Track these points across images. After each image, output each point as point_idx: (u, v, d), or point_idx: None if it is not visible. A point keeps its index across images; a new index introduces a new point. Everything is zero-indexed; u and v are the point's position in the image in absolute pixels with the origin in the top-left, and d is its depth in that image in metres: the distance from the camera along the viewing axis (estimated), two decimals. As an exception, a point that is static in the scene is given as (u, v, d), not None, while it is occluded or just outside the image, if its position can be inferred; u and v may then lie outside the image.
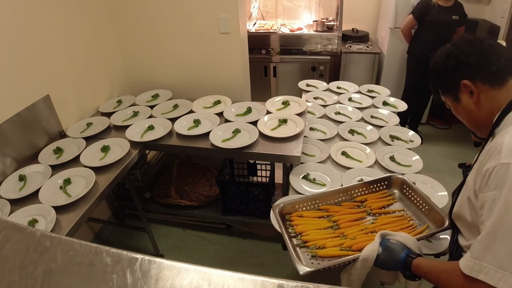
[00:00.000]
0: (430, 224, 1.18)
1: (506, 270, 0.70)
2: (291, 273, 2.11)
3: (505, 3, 2.82)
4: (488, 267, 0.72)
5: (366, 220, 1.25)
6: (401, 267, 0.94)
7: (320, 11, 3.67)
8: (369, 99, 2.29)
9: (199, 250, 2.31)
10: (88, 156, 1.74)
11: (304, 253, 1.13)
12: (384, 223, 1.22)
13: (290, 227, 1.23)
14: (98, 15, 2.21)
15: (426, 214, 1.22)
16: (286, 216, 1.28)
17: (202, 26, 2.22)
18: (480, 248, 0.75)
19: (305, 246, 1.16)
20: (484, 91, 0.86)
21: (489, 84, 0.86)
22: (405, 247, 0.96)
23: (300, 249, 1.14)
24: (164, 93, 2.39)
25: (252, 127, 1.88)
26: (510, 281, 0.69)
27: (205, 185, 2.46)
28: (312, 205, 1.31)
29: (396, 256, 0.94)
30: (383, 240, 1.00)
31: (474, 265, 0.74)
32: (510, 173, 0.71)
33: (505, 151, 0.74)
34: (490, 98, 0.86)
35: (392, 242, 0.99)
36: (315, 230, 1.20)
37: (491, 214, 0.74)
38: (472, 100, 0.89)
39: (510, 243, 0.70)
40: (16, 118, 1.65)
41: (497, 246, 0.72)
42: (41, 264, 0.59)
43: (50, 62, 1.85)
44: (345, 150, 1.80)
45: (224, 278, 0.55)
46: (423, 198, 1.24)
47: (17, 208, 1.42)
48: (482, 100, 0.87)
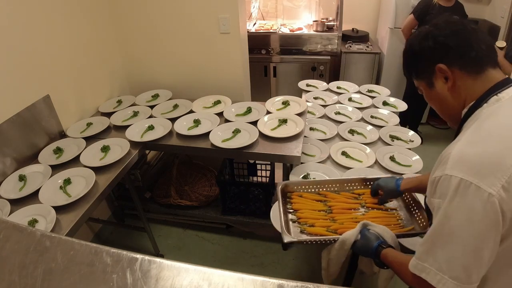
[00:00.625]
0: (416, 226, 1.23)
1: (445, 274, 0.73)
2: (291, 273, 2.11)
3: (505, 3, 2.82)
4: (429, 268, 0.76)
5: (359, 212, 1.32)
6: (372, 254, 1.01)
7: (320, 11, 3.66)
8: (369, 99, 2.29)
9: (199, 250, 2.31)
10: (88, 156, 1.74)
11: (295, 227, 1.26)
12: (373, 216, 1.28)
13: (289, 204, 1.35)
14: (98, 15, 2.21)
15: (415, 215, 1.26)
16: (288, 194, 1.39)
17: (202, 26, 2.22)
18: (422, 250, 0.79)
19: (298, 221, 1.28)
20: (459, 78, 0.81)
21: (466, 71, 0.80)
22: (380, 238, 1.03)
23: (292, 224, 1.28)
24: (164, 93, 2.39)
25: (252, 127, 1.88)
26: (449, 284, 0.73)
27: (205, 185, 2.46)
28: (313, 189, 1.41)
29: (370, 244, 1.02)
30: (364, 229, 1.09)
31: (417, 264, 0.79)
32: (452, 185, 0.72)
33: (451, 162, 0.74)
34: (465, 87, 0.81)
35: (370, 232, 1.06)
36: (310, 210, 1.31)
37: (434, 220, 0.77)
38: (447, 86, 0.84)
39: (448, 250, 0.73)
40: (16, 118, 1.65)
41: (437, 250, 0.75)
42: (41, 264, 0.59)
43: (50, 62, 1.85)
44: (345, 150, 1.80)
45: (224, 278, 0.55)
46: (415, 201, 1.28)
47: (17, 208, 1.42)
48: (456, 87, 0.82)
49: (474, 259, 0.72)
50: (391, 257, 0.95)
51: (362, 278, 2.02)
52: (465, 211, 0.71)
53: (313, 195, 1.38)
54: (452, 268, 0.73)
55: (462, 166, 0.72)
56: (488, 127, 0.76)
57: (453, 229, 0.72)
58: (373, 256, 1.01)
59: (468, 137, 0.76)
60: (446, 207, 0.73)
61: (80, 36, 2.06)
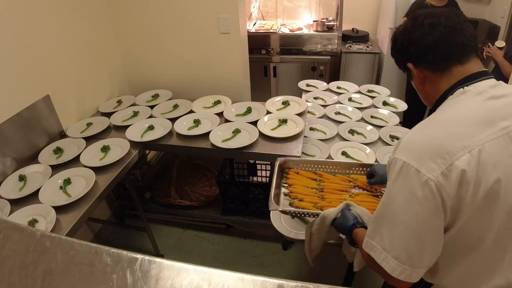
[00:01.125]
0: None
1: (388, 253, 0.77)
2: (291, 273, 2.11)
3: (505, 3, 2.82)
4: (376, 246, 0.80)
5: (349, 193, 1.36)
6: (347, 232, 1.05)
7: (320, 11, 3.66)
8: (369, 99, 2.29)
9: (199, 250, 2.31)
10: (88, 156, 1.74)
11: (285, 200, 1.34)
12: (361, 200, 1.31)
13: (285, 179, 1.42)
14: (98, 15, 2.21)
15: None
16: (286, 169, 1.46)
17: (202, 26, 2.22)
18: (371, 228, 0.83)
19: (289, 195, 1.35)
20: (427, 75, 0.86)
21: (430, 69, 0.85)
22: (359, 218, 1.06)
23: (284, 197, 1.35)
24: (164, 93, 2.39)
25: (252, 127, 1.88)
26: (392, 264, 0.76)
27: (205, 185, 2.46)
28: (311, 168, 1.46)
29: (346, 222, 1.05)
30: (345, 208, 1.12)
31: (367, 242, 0.83)
32: (396, 167, 0.76)
33: (400, 147, 0.78)
34: (433, 83, 0.87)
35: (350, 211, 1.09)
36: (303, 187, 1.37)
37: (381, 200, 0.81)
38: (418, 81, 0.90)
39: (391, 229, 0.77)
40: (16, 118, 1.65)
41: (382, 229, 0.79)
42: (41, 264, 0.59)
43: (50, 62, 1.85)
44: (345, 150, 1.79)
45: (224, 278, 0.55)
46: None
47: (17, 208, 1.42)
48: (426, 83, 0.88)
49: (415, 242, 0.75)
50: (359, 236, 0.97)
51: (362, 278, 2.02)
52: (405, 193, 0.74)
53: (309, 174, 1.44)
54: (394, 248, 0.76)
55: (407, 150, 0.76)
56: (440, 117, 0.80)
57: (395, 209, 0.76)
58: (347, 233, 1.05)
59: (420, 125, 0.81)
60: (390, 188, 0.78)
61: (80, 36, 2.06)
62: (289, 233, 1.35)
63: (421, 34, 0.84)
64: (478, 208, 0.72)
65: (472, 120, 0.75)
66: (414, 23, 0.86)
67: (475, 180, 0.70)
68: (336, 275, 2.05)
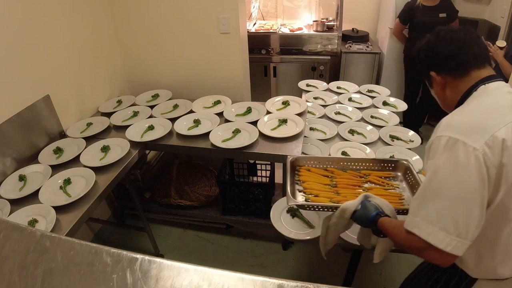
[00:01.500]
0: None
1: (435, 226, 0.81)
2: (291, 273, 2.11)
3: (505, 3, 2.82)
4: (421, 222, 0.83)
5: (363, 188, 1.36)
6: (370, 222, 1.06)
7: (320, 11, 3.66)
8: (369, 99, 2.29)
9: (199, 250, 2.31)
10: (88, 156, 1.74)
11: (300, 197, 1.32)
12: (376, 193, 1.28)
13: (297, 176, 1.41)
14: (98, 15, 2.21)
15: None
16: (297, 167, 1.45)
17: (202, 26, 2.22)
18: (415, 204, 0.87)
19: (304, 192, 1.34)
20: (448, 81, 0.99)
21: (451, 75, 0.98)
22: (379, 208, 1.08)
23: (298, 193, 1.34)
24: (164, 93, 2.39)
25: (252, 127, 1.88)
26: (439, 236, 0.80)
27: (205, 185, 2.46)
28: (321, 165, 1.46)
29: (368, 213, 1.07)
30: (364, 200, 1.12)
31: (411, 220, 0.86)
32: (440, 144, 0.84)
33: (442, 125, 0.88)
34: (453, 87, 0.99)
35: (370, 202, 1.11)
36: (316, 183, 1.37)
37: (425, 177, 0.87)
38: (439, 88, 1.02)
39: (438, 202, 0.82)
40: (16, 118, 1.65)
41: (427, 204, 0.83)
42: (41, 264, 0.59)
43: (50, 62, 1.85)
44: (345, 150, 1.79)
45: (224, 278, 0.55)
46: (419, 185, 1.30)
47: (17, 208, 1.42)
48: (447, 88, 1.00)
49: (462, 211, 0.79)
50: (387, 223, 1.00)
51: (362, 278, 2.02)
52: (452, 163, 0.80)
53: (321, 171, 1.44)
54: (441, 219, 0.80)
55: (450, 128, 0.85)
56: (473, 104, 0.92)
57: (442, 182, 0.82)
58: (370, 224, 1.06)
59: (455, 111, 0.93)
60: (435, 163, 0.84)
61: (80, 36, 2.06)
62: (289, 233, 1.35)
63: (443, 46, 0.98)
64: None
65: (502, 105, 0.87)
66: (436, 38, 1.00)
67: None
68: (336, 275, 2.05)
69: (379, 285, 2.00)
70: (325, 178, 1.40)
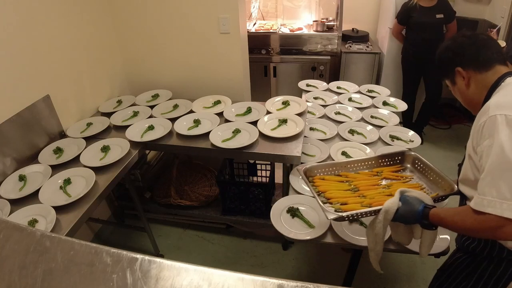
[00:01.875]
0: (440, 192, 1.25)
1: (510, 200, 0.82)
2: (291, 273, 2.11)
3: (505, 3, 2.82)
4: (493, 200, 0.84)
5: (383, 186, 1.33)
6: (419, 217, 1.03)
7: (320, 11, 3.66)
8: (369, 99, 2.29)
9: (199, 250, 2.31)
10: (88, 156, 1.74)
11: (329, 208, 1.21)
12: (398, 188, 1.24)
13: (313, 187, 1.32)
14: (99, 15, 2.21)
15: (436, 184, 1.29)
16: (309, 178, 1.38)
17: (202, 26, 2.22)
18: (484, 184, 0.88)
19: (329, 202, 1.26)
20: (473, 76, 1.06)
21: (478, 70, 1.05)
22: (422, 201, 1.05)
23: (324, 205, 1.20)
24: (164, 93, 2.39)
25: (252, 127, 1.88)
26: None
27: (205, 185, 2.46)
28: (332, 172, 1.41)
29: (414, 208, 1.04)
30: (402, 196, 1.09)
31: (482, 200, 0.87)
32: (498, 121, 0.88)
33: (492, 107, 0.91)
34: (479, 81, 1.05)
35: (410, 196, 1.08)
36: (337, 190, 1.31)
37: (488, 157, 0.88)
38: (464, 82, 1.08)
39: (509, 177, 0.84)
40: (16, 118, 1.65)
41: (498, 181, 0.85)
42: (41, 264, 0.59)
43: (50, 62, 1.85)
44: (345, 150, 1.80)
45: (224, 278, 0.55)
46: (433, 170, 1.31)
47: (17, 208, 1.42)
48: (472, 83, 1.07)
49: None
50: (442, 213, 0.99)
51: (362, 278, 2.02)
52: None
53: (335, 177, 1.40)
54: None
55: (503, 107, 0.89)
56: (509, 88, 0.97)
57: (510, 157, 0.84)
58: (419, 218, 1.03)
59: (498, 96, 0.97)
60: (498, 141, 0.86)
61: (80, 36, 2.06)
62: (289, 233, 1.35)
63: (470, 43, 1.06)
64: None
65: None
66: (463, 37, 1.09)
67: None
68: (336, 275, 2.05)
69: (379, 285, 2.00)
70: (343, 184, 1.35)
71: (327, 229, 1.34)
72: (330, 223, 1.36)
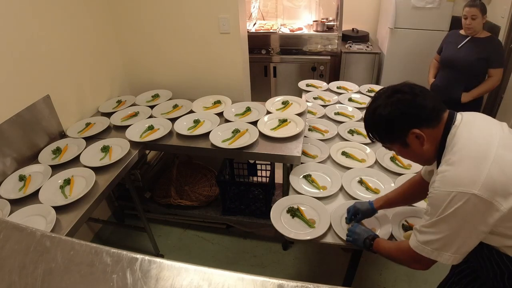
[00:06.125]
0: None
1: (445, 250, 0.93)
2: (291, 273, 2.11)
3: (505, 3, 2.82)
4: (433, 250, 0.95)
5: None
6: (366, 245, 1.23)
7: (320, 11, 3.66)
8: (369, 99, 2.28)
9: (199, 250, 2.31)
10: (88, 156, 1.74)
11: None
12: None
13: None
14: (98, 15, 2.21)
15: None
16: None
17: (202, 26, 2.22)
18: (427, 237, 0.96)
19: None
20: (427, 133, 0.97)
21: (432, 126, 0.97)
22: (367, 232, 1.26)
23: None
24: (164, 93, 2.39)
25: (252, 127, 1.88)
26: (444, 256, 0.94)
27: (205, 185, 2.46)
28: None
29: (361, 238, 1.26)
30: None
31: (423, 248, 0.97)
32: (442, 198, 0.90)
33: (438, 181, 0.92)
34: (431, 137, 0.98)
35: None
36: None
37: (426, 218, 0.96)
38: (419, 142, 0.99)
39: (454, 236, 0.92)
40: (16, 118, 1.65)
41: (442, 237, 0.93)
42: (41, 264, 0.59)
43: (50, 62, 1.85)
44: (345, 150, 1.80)
45: (224, 278, 0.55)
46: None
47: (17, 208, 1.42)
48: (426, 141, 0.98)
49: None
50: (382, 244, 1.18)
51: (362, 278, 2.02)
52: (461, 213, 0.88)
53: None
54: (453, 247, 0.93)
55: (461, 185, 0.88)
56: (459, 150, 0.91)
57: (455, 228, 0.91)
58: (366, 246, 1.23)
59: (447, 160, 0.93)
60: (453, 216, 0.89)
61: (80, 36, 2.06)
62: (289, 233, 1.35)
63: (420, 99, 0.96)
64: None
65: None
66: (410, 94, 0.98)
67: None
68: (336, 275, 2.05)
69: (379, 285, 2.00)
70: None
71: (327, 229, 1.34)
72: (330, 223, 1.36)
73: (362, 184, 1.58)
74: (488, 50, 2.27)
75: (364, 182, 1.59)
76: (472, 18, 2.23)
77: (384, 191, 1.52)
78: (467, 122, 0.96)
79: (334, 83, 2.56)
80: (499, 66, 2.29)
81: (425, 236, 0.97)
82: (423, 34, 3.15)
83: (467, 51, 2.32)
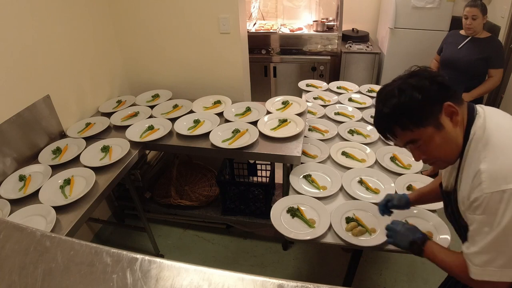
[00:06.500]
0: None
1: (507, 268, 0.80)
2: (291, 273, 2.11)
3: (505, 3, 2.82)
4: (492, 270, 0.81)
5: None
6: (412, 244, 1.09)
7: (320, 11, 3.66)
8: (369, 99, 2.29)
9: (199, 250, 2.31)
10: (88, 156, 1.74)
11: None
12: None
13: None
14: (98, 15, 2.21)
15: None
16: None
17: (202, 26, 2.22)
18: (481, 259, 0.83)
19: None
20: (460, 111, 0.87)
21: (459, 103, 0.87)
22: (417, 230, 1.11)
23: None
24: (164, 93, 2.39)
25: (252, 127, 1.88)
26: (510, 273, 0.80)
27: (205, 185, 2.46)
28: None
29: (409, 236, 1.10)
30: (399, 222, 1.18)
31: (482, 272, 0.83)
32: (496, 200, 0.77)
33: (485, 181, 0.79)
34: (461, 117, 0.87)
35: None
36: None
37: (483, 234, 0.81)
38: (452, 122, 0.87)
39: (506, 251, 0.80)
40: (16, 118, 1.65)
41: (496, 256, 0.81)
42: (41, 264, 0.59)
43: (50, 62, 1.85)
44: (345, 150, 1.80)
45: (224, 278, 0.55)
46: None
47: (17, 208, 1.42)
48: (459, 120, 0.87)
49: None
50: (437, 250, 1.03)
51: (362, 278, 2.02)
52: None
53: None
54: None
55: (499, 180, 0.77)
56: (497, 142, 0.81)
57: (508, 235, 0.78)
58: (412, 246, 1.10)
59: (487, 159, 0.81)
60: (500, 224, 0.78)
61: (81, 36, 2.06)
62: (289, 233, 1.35)
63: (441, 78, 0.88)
64: None
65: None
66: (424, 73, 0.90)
67: None
68: (336, 275, 2.05)
69: (379, 285, 2.00)
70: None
71: (327, 229, 1.34)
72: (330, 223, 1.36)
73: (362, 184, 1.58)
74: (488, 50, 2.27)
75: (364, 182, 1.59)
76: (473, 18, 2.24)
77: (384, 191, 1.53)
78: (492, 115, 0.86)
79: (334, 83, 2.56)
80: (499, 66, 2.29)
81: (480, 257, 0.83)
82: (423, 34, 3.16)
83: (467, 51, 2.33)
